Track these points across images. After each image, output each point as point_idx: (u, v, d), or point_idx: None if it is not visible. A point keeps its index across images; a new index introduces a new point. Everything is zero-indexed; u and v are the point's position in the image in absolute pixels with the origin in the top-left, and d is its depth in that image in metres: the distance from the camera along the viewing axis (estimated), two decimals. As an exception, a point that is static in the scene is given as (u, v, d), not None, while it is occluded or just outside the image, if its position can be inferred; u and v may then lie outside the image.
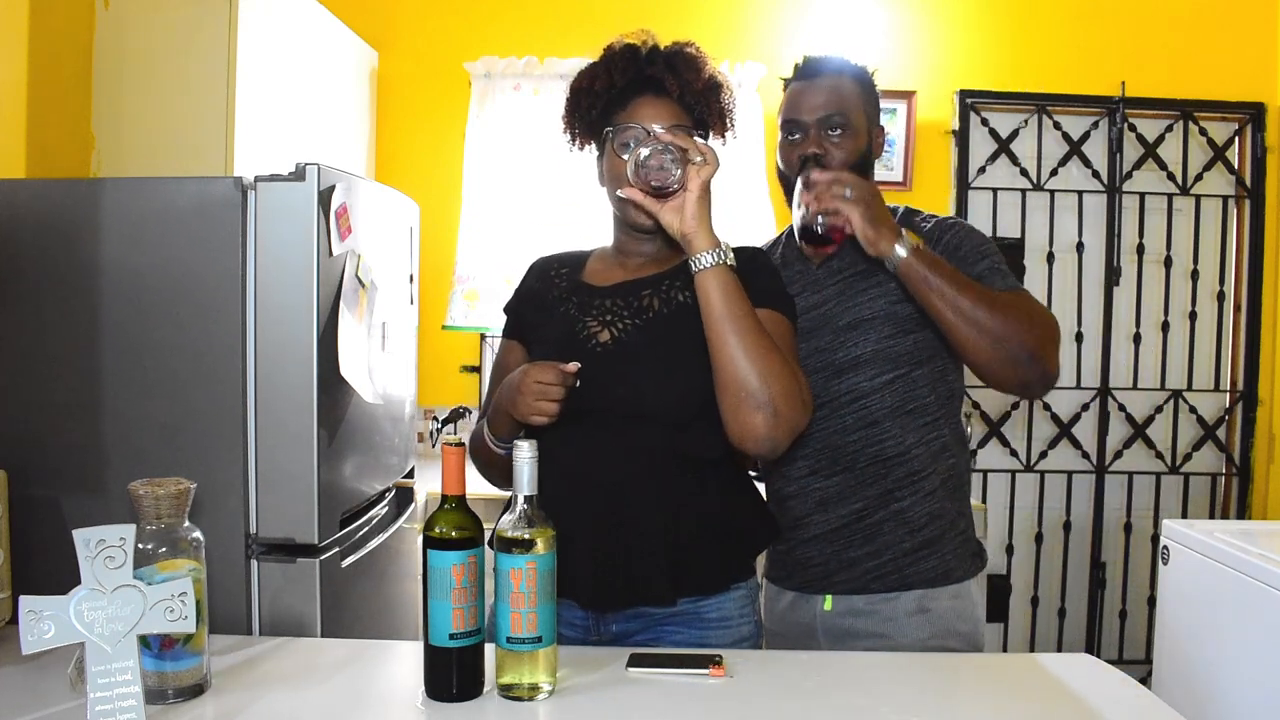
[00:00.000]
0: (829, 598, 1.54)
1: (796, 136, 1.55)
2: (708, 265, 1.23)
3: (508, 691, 1.11)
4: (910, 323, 1.49)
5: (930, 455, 1.52)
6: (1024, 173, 3.13)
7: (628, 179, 1.27)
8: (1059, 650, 3.16)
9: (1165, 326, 3.17)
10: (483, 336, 3.15)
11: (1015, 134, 3.12)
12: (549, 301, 1.43)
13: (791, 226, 1.70)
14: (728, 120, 1.41)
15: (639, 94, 1.35)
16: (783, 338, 1.33)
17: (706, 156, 1.25)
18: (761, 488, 1.59)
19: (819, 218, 1.40)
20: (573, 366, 1.25)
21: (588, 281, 1.43)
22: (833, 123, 1.52)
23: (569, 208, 2.96)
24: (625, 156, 1.31)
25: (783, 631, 1.61)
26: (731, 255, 1.25)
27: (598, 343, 1.35)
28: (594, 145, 1.42)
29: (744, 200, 2.99)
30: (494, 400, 1.35)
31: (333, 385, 1.63)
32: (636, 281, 1.39)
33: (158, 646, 1.08)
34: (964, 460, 1.60)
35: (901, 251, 1.37)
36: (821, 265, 1.56)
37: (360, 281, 1.71)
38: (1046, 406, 3.17)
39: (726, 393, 1.23)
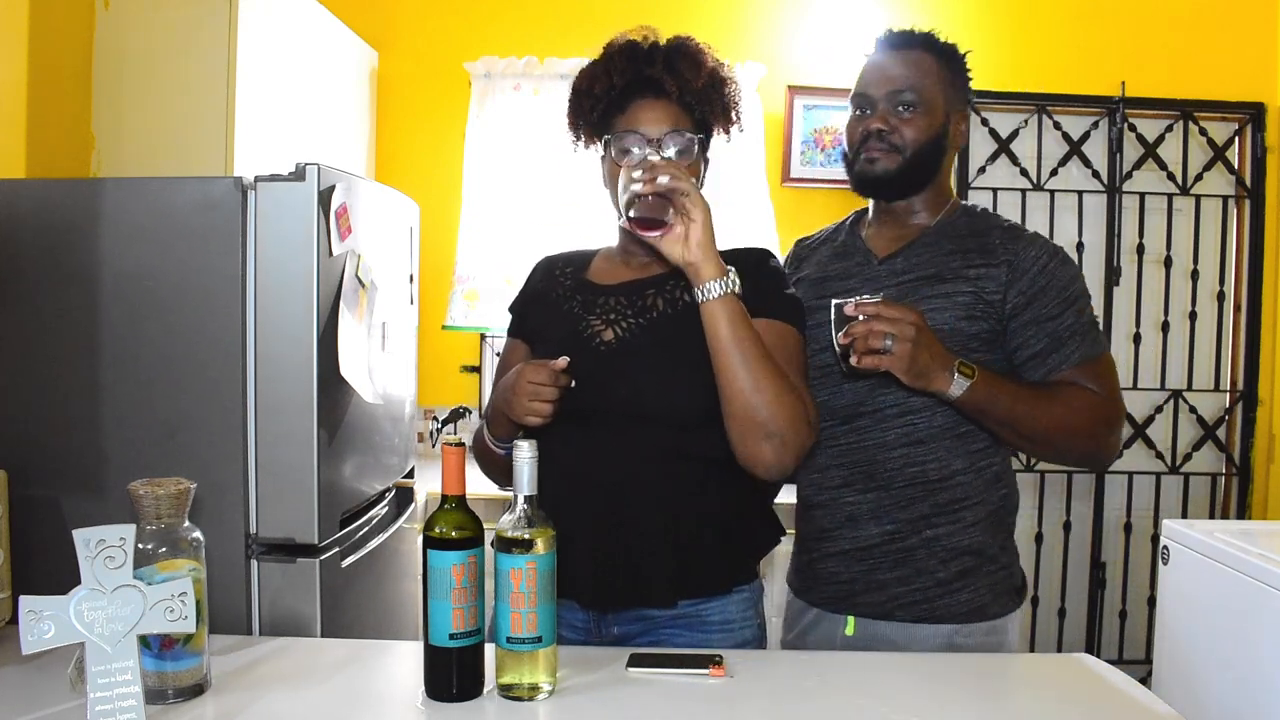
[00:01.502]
0: (851, 621, 1.45)
1: (865, 112, 1.44)
2: (715, 296, 1.21)
3: (508, 691, 1.11)
4: (976, 342, 1.39)
5: (981, 484, 1.42)
6: (1024, 173, 3.13)
7: (622, 210, 1.23)
8: (1059, 650, 3.16)
9: (1165, 326, 3.17)
10: (483, 336, 3.15)
11: (1015, 134, 3.12)
12: (553, 300, 1.43)
13: (856, 214, 1.59)
14: (732, 113, 1.39)
15: (638, 96, 1.34)
16: (791, 352, 1.33)
17: (692, 199, 1.20)
18: (792, 490, 1.55)
19: (860, 354, 1.28)
20: (562, 362, 1.25)
21: (592, 280, 1.43)
22: (904, 99, 1.41)
23: (569, 208, 2.96)
24: (624, 163, 1.31)
25: (802, 649, 1.52)
26: (738, 282, 1.22)
27: (601, 341, 1.35)
28: (599, 144, 1.41)
29: (744, 200, 2.99)
30: (492, 401, 1.35)
31: (333, 385, 1.62)
32: (641, 281, 1.39)
33: (158, 646, 1.08)
34: (1015, 491, 1.49)
35: (955, 392, 1.30)
36: (884, 263, 1.46)
37: (360, 281, 1.71)
38: (1046, 406, 3.16)
39: (734, 421, 1.24)
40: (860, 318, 1.28)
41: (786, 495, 1.53)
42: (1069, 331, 1.37)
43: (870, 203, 1.54)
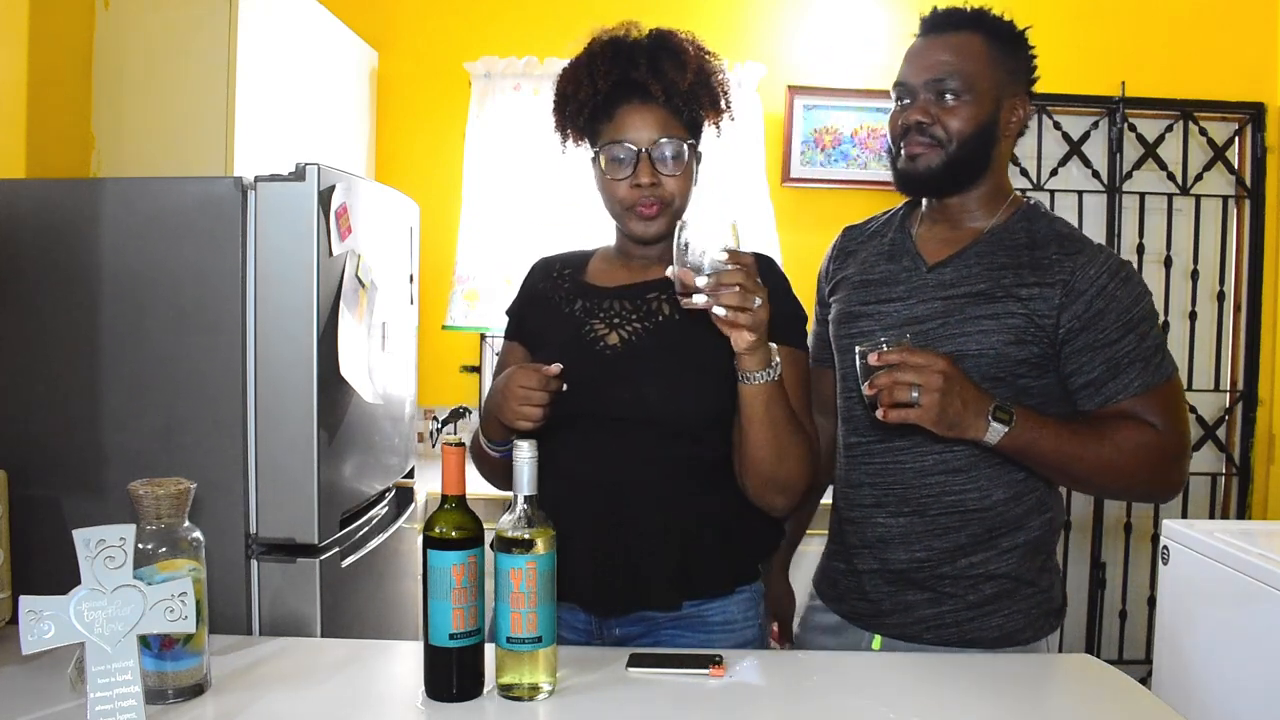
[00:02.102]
0: (878, 638, 1.39)
1: (906, 102, 1.34)
2: (756, 383, 1.21)
3: (508, 691, 1.11)
4: (1024, 367, 1.29)
5: (1022, 512, 1.34)
6: (1024, 173, 3.13)
7: (675, 260, 1.16)
8: (1059, 650, 3.16)
9: (1165, 326, 3.16)
10: (483, 336, 3.15)
11: (1015, 134, 3.12)
12: (554, 303, 1.42)
13: (908, 206, 1.48)
14: (721, 103, 1.36)
15: (624, 101, 1.32)
16: (798, 380, 1.33)
17: (746, 315, 1.15)
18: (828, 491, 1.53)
19: (886, 408, 1.19)
20: (555, 368, 1.24)
21: (592, 282, 1.42)
22: (945, 87, 1.30)
23: (569, 208, 2.96)
24: (613, 177, 1.31)
25: (814, 649, 1.48)
26: (780, 365, 1.22)
27: (606, 345, 1.34)
28: (588, 143, 1.39)
29: (744, 200, 2.99)
30: (485, 404, 1.34)
31: (333, 385, 1.62)
32: (643, 284, 1.38)
33: (158, 646, 1.08)
34: (1060, 513, 1.41)
35: (991, 440, 1.21)
36: (933, 271, 1.36)
37: (360, 281, 1.71)
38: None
39: (750, 474, 1.29)
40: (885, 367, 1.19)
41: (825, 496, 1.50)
42: (1128, 358, 1.26)
43: None
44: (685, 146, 1.33)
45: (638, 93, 1.32)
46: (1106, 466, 1.25)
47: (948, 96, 1.30)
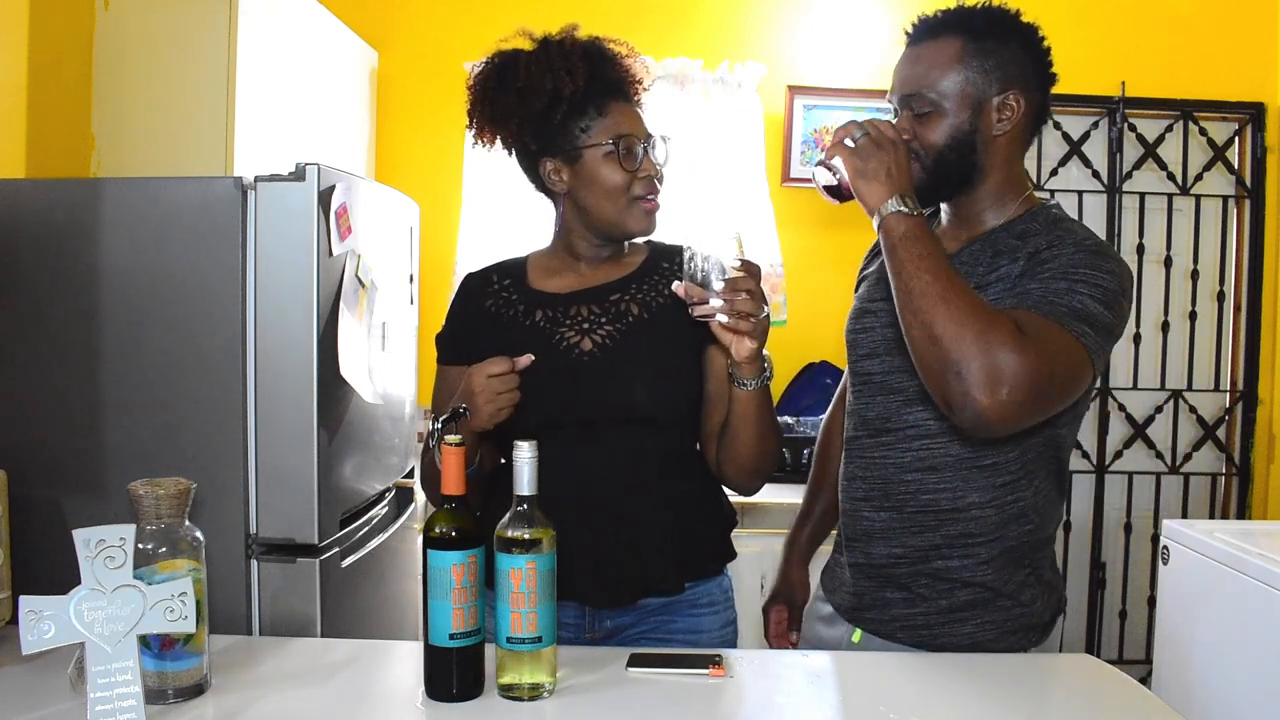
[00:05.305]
0: (858, 632, 1.40)
1: (892, 115, 1.36)
2: (750, 389, 1.28)
3: (508, 691, 1.11)
4: None
5: (1000, 520, 1.30)
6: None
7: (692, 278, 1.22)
8: (1059, 650, 3.16)
9: (1165, 326, 3.16)
10: (483, 336, 3.15)
11: (1015, 134, 3.11)
12: (507, 319, 1.38)
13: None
14: None
15: (612, 97, 1.34)
16: None
17: (754, 322, 1.22)
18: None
19: (823, 168, 1.27)
20: (526, 359, 1.24)
21: (544, 290, 1.40)
22: (914, 103, 1.30)
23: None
24: (629, 168, 1.31)
25: (814, 644, 1.48)
26: (772, 372, 1.29)
27: (582, 352, 1.34)
28: (551, 140, 1.35)
29: (744, 200, 2.99)
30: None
31: (333, 385, 1.63)
32: (605, 286, 1.38)
33: (158, 646, 1.08)
34: (1045, 525, 1.36)
35: (885, 210, 1.20)
36: None
37: (360, 281, 1.71)
38: (1046, 406, 3.16)
39: (732, 465, 1.35)
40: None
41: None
42: (1041, 291, 1.19)
43: None
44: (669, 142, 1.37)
45: (617, 91, 1.35)
46: (948, 310, 1.14)
47: (922, 111, 1.31)
